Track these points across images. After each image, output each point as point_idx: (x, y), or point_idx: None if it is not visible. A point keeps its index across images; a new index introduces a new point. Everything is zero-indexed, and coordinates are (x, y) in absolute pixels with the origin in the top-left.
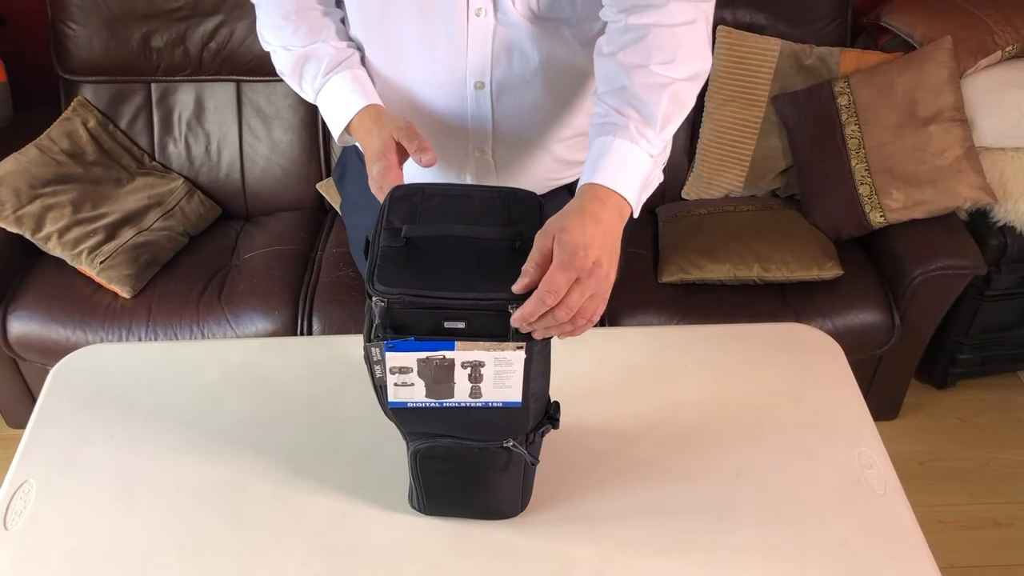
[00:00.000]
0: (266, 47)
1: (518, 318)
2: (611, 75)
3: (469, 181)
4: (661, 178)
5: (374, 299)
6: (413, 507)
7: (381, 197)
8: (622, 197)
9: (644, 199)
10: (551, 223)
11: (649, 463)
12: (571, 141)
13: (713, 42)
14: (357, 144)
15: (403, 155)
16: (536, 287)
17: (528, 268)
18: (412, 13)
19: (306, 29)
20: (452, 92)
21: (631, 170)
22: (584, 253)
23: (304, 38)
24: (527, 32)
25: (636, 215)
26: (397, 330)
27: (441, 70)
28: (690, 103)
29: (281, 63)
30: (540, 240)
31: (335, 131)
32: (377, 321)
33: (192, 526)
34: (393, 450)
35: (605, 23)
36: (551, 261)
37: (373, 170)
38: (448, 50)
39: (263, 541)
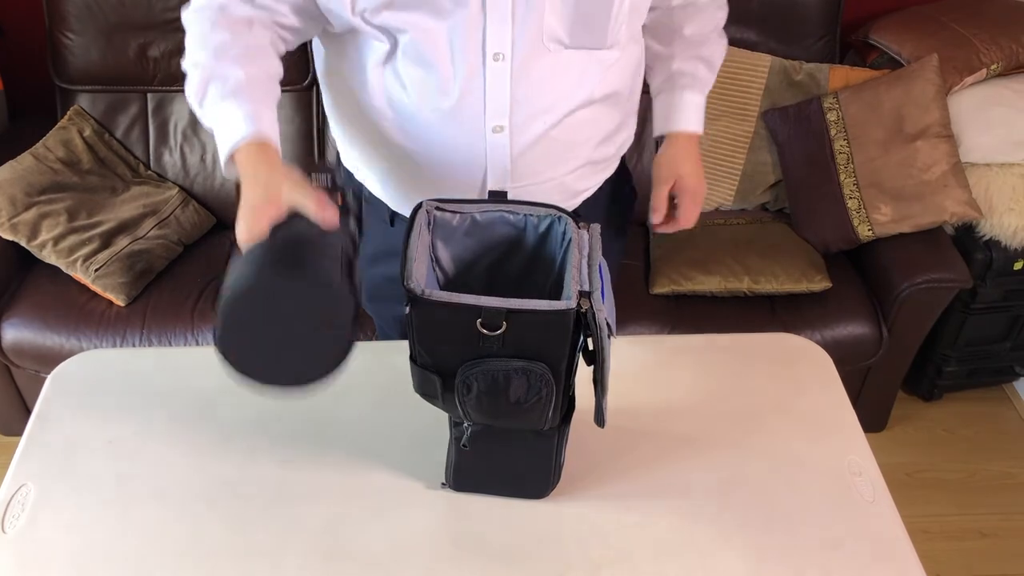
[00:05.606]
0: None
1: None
2: (681, 42)
3: None
4: None
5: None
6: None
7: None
8: (697, 135)
9: None
10: (664, 170)
11: (639, 471)
12: (581, 171)
13: None
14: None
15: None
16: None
17: (657, 205)
18: (425, 63)
19: (237, 47)
20: (469, 138)
21: (702, 114)
22: (703, 188)
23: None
24: (546, 70)
25: None
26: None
27: (456, 118)
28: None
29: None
30: (662, 184)
31: (223, 152)
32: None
33: (189, 529)
34: (390, 455)
35: (621, 51)
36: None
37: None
38: (464, 98)
39: (261, 544)
